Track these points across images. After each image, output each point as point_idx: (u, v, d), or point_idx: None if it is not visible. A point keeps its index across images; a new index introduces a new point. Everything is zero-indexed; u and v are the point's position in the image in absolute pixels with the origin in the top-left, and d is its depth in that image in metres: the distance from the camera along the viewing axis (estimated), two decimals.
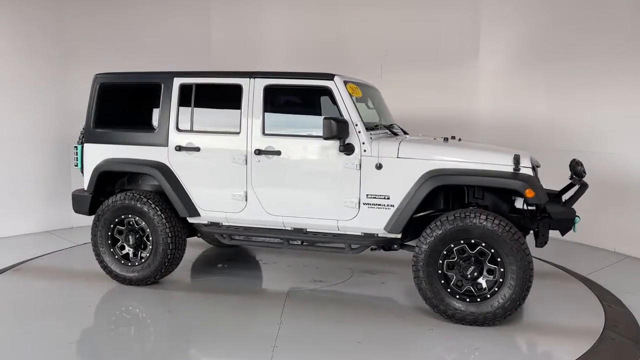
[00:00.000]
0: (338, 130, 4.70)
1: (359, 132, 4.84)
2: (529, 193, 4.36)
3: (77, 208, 5.78)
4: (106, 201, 5.49)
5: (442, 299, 4.55)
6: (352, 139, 4.84)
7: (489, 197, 4.88)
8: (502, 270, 4.41)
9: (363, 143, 4.83)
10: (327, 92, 4.97)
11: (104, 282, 5.53)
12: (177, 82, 5.37)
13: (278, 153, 5.05)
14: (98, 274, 5.60)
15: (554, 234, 4.86)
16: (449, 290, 4.55)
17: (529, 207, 4.75)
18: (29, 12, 7.75)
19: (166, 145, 5.38)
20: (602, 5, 7.29)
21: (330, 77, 4.97)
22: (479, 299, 4.49)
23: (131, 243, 5.46)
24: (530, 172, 4.59)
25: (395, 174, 4.79)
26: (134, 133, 5.55)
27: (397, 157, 4.79)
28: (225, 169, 5.22)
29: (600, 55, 7.28)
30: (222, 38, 9.60)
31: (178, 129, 5.34)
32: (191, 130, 5.33)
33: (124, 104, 5.77)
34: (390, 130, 5.36)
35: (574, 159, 4.97)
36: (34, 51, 7.79)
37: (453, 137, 5.35)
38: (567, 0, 7.66)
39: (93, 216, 5.62)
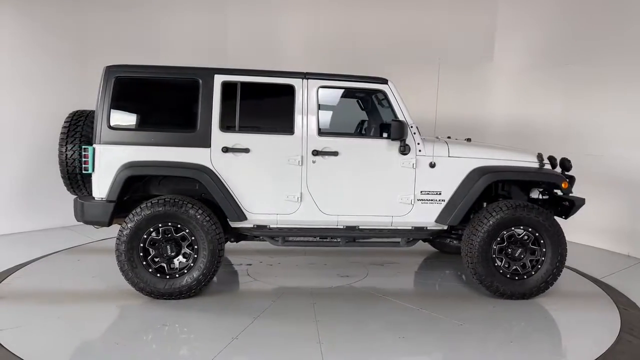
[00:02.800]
0: (405, 132, 5.03)
1: (414, 133, 5.22)
2: (565, 185, 5.27)
3: (91, 218, 5.04)
4: (138, 209, 4.91)
5: (492, 276, 5.18)
6: (408, 140, 5.18)
7: (514, 190, 5.67)
8: (544, 250, 5.24)
9: (418, 143, 5.22)
10: (382, 94, 5.23)
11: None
12: (219, 79, 5.06)
13: (335, 154, 5.14)
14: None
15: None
16: (499, 271, 5.22)
17: (543, 197, 5.68)
18: (44, 10, 7.91)
19: (208, 146, 5.03)
20: (620, 8, 7.30)
21: (384, 81, 5.23)
22: (525, 276, 5.25)
23: (169, 253, 4.99)
24: (549, 167, 5.50)
25: (446, 172, 5.29)
26: (167, 133, 5.05)
27: (449, 157, 5.30)
28: (278, 170, 5.12)
29: (618, 58, 7.30)
30: (238, 37, 9.67)
31: (222, 129, 5.04)
32: (238, 131, 5.08)
33: (148, 101, 5.19)
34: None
35: (563, 157, 6.01)
36: (50, 49, 7.97)
37: (469, 139, 6.02)
38: (584, 3, 7.75)
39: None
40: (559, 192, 5.47)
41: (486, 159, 5.36)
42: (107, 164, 4.99)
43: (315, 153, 5.11)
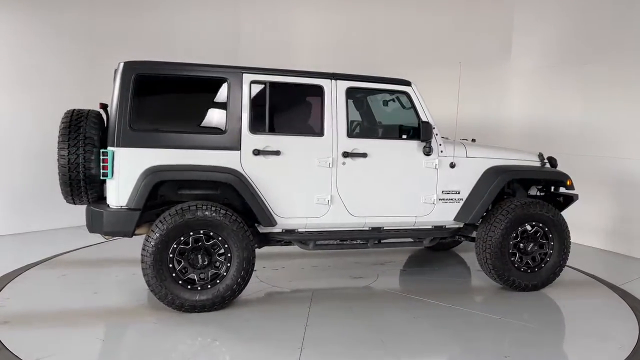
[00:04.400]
0: (432, 134, 5.14)
1: (436, 134, 5.34)
2: (569, 182, 5.65)
3: (113, 228, 4.60)
4: (167, 217, 4.56)
5: (509, 270, 5.45)
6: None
7: (517, 188, 5.98)
8: (552, 244, 5.59)
9: (440, 144, 5.35)
10: (405, 96, 5.29)
11: None
12: (247, 78, 4.83)
13: (364, 155, 5.12)
14: None
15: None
16: (514, 265, 5.49)
17: (540, 193, 6.05)
18: (60, 9, 8.02)
19: (238, 148, 4.79)
20: None
21: (408, 82, 5.30)
22: (536, 269, 5.57)
23: (201, 263, 4.69)
24: (548, 165, 5.88)
25: (464, 172, 5.47)
26: (194, 135, 4.74)
27: (467, 157, 5.48)
28: (309, 172, 5.00)
29: (638, 58, 7.14)
30: (250, 36, 9.70)
31: (252, 131, 4.83)
32: (268, 132, 4.89)
33: (173, 100, 4.82)
34: None
35: (550, 156, 6.42)
36: (65, 49, 8.03)
37: (473, 140, 6.24)
38: (603, 1, 7.58)
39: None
40: (562, 189, 5.87)
41: (498, 159, 5.62)
42: (128, 169, 4.58)
43: (345, 155, 5.06)
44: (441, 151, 5.36)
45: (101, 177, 4.60)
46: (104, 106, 5.18)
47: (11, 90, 7.64)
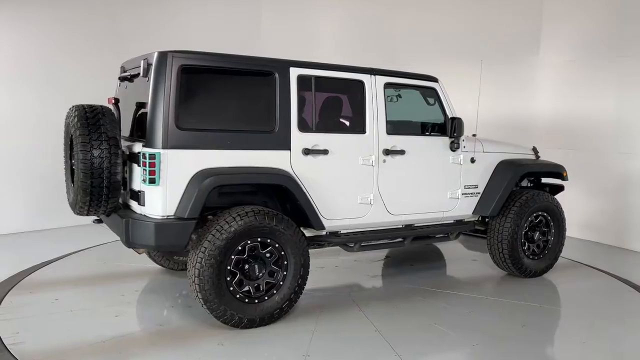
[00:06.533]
0: (463, 130, 5.24)
1: None
2: (565, 174, 6.09)
3: (166, 241, 4.03)
4: (224, 225, 4.09)
5: (522, 258, 5.75)
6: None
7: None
8: (552, 231, 5.98)
9: (463, 140, 5.46)
10: (432, 91, 5.31)
11: None
12: (295, 72, 4.51)
13: (402, 152, 5.05)
14: None
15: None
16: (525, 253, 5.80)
17: (530, 184, 6.45)
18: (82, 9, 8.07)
19: (288, 148, 4.46)
20: None
21: (435, 79, 5.32)
22: (540, 255, 5.93)
23: (259, 274, 4.29)
24: (541, 158, 6.29)
25: (482, 166, 5.66)
26: (244, 134, 4.31)
27: (483, 152, 5.66)
28: (354, 171, 4.82)
29: None
30: (271, 31, 9.52)
31: (300, 129, 4.52)
32: (315, 131, 4.61)
33: (220, 96, 4.31)
34: None
35: (533, 146, 6.78)
36: (89, 48, 8.09)
37: (474, 135, 6.42)
38: None
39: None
40: (555, 180, 6.31)
41: (507, 153, 5.89)
42: (177, 173, 4.05)
43: (386, 152, 4.95)
44: (464, 147, 5.48)
45: (148, 184, 4.00)
46: (115, 101, 4.55)
47: (35, 89, 7.67)
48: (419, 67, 5.66)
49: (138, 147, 4.24)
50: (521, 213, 5.67)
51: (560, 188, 6.34)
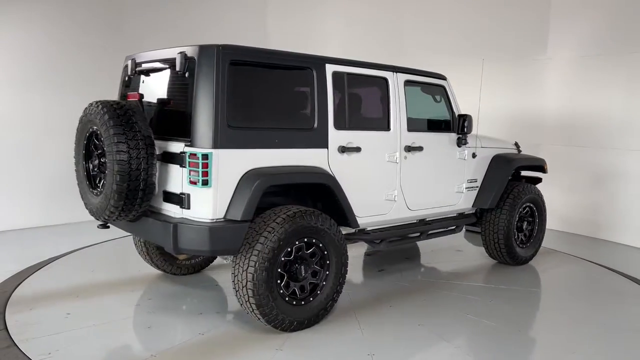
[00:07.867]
0: (472, 127, 5.45)
1: None
2: (545, 166, 6.51)
3: (222, 246, 3.82)
4: (275, 226, 3.95)
5: (515, 248, 6.11)
6: None
7: None
8: (537, 220, 6.39)
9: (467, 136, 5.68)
10: (441, 89, 5.46)
11: None
12: (330, 69, 4.45)
13: (420, 149, 5.16)
14: None
15: None
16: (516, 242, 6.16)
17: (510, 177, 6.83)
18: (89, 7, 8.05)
19: (325, 146, 4.41)
20: None
21: (443, 77, 5.48)
22: (527, 244, 6.33)
23: (304, 275, 4.20)
24: (522, 152, 6.69)
25: (481, 161, 5.92)
26: (288, 132, 4.20)
27: (482, 147, 5.92)
28: (381, 169, 4.88)
29: None
30: (277, 28, 9.54)
31: (336, 127, 4.47)
32: (348, 128, 4.58)
33: (267, 93, 4.14)
34: None
35: (515, 141, 7.13)
36: (96, 45, 8.07)
37: None
38: None
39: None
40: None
41: (498, 148, 6.19)
42: (227, 174, 3.87)
43: (408, 149, 5.04)
44: (467, 143, 5.69)
45: (200, 186, 3.77)
46: (140, 97, 4.25)
47: (44, 88, 7.68)
48: (424, 64, 5.76)
49: (174, 147, 3.99)
50: (514, 205, 6.02)
51: (537, 180, 6.79)
